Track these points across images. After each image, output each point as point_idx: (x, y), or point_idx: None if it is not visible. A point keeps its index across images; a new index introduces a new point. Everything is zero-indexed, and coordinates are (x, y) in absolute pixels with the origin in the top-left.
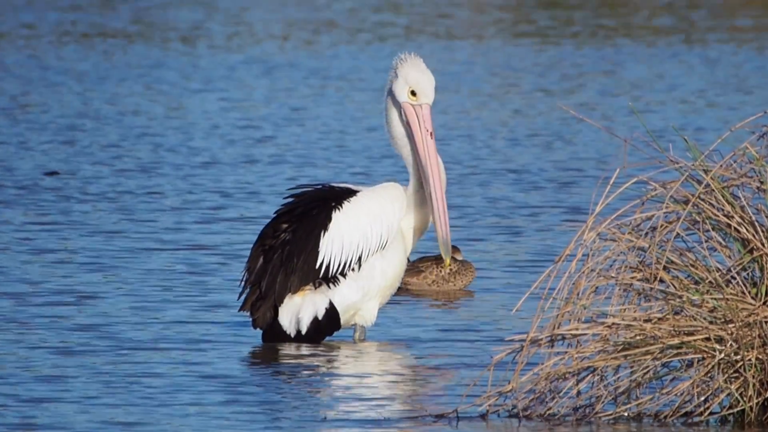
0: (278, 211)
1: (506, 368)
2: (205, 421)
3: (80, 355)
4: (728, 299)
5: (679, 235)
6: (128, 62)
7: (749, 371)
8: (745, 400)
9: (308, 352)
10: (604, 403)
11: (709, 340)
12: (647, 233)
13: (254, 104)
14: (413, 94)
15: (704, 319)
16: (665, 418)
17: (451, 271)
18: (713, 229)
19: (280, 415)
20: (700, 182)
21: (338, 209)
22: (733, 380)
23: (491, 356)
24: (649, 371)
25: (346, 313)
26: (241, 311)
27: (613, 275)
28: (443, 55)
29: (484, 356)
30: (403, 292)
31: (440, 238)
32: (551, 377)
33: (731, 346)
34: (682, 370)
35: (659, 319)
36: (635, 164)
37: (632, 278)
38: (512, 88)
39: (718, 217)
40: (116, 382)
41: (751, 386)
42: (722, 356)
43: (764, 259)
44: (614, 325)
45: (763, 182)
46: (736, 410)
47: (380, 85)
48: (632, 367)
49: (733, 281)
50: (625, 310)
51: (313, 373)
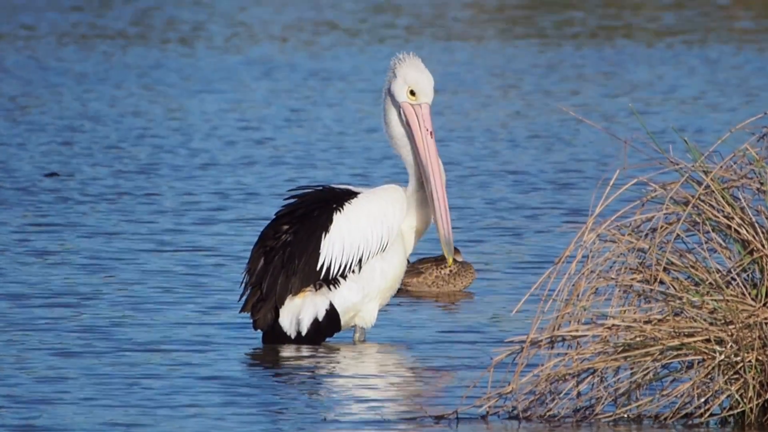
0: (279, 212)
1: (506, 369)
2: (204, 422)
3: (79, 356)
4: (728, 300)
5: (679, 236)
6: (127, 63)
7: (749, 373)
8: (745, 401)
9: (308, 353)
10: (604, 404)
11: (709, 341)
12: (647, 234)
13: (254, 105)
14: (412, 93)
15: (704, 320)
16: (665, 419)
17: (450, 272)
18: (713, 230)
19: (279, 416)
20: (700, 183)
21: (339, 211)
22: (733, 382)
23: (491, 357)
24: (649, 373)
25: (346, 314)
26: (241, 312)
27: (613, 276)
28: (443, 56)
29: (484, 357)
30: (402, 293)
31: (442, 237)
32: (551, 378)
33: (731, 347)
34: (682, 371)
35: (659, 320)
36: (635, 165)
37: (632, 279)
38: (512, 89)
39: (718, 218)
40: (116, 383)
41: (751, 388)
42: (722, 358)
43: (764, 260)
44: (614, 326)
45: (763, 183)
46: (736, 412)
47: (380, 86)
48: (632, 368)
49: (733, 282)
50: (625, 311)
51: (312, 374)
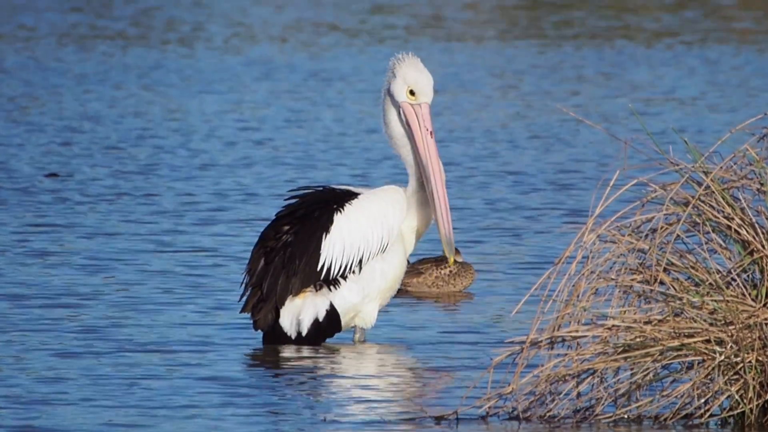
0: (279, 212)
1: (506, 370)
2: (204, 422)
3: (79, 357)
4: (728, 301)
5: (679, 236)
6: (127, 64)
7: (749, 373)
8: (745, 402)
9: (308, 353)
10: (604, 405)
11: (709, 342)
12: (647, 235)
13: (253, 106)
14: (412, 93)
15: (704, 321)
16: (665, 420)
17: (450, 272)
18: (713, 230)
19: (279, 417)
20: (700, 184)
21: (340, 212)
22: (733, 382)
23: (491, 358)
24: (649, 373)
25: (346, 315)
26: (242, 313)
27: (613, 277)
28: (443, 56)
29: (484, 358)
30: (402, 293)
31: (443, 236)
32: (551, 379)
33: (731, 348)
34: (682, 372)
35: (659, 321)
36: (635, 166)
37: (632, 280)
38: (512, 89)
39: (718, 218)
40: (115, 384)
41: (751, 388)
42: (722, 358)
43: (764, 261)
44: (614, 327)
45: (763, 184)
46: (736, 412)
47: (380, 86)
48: (632, 369)
49: (733, 283)
50: (625, 312)
51: (313, 374)
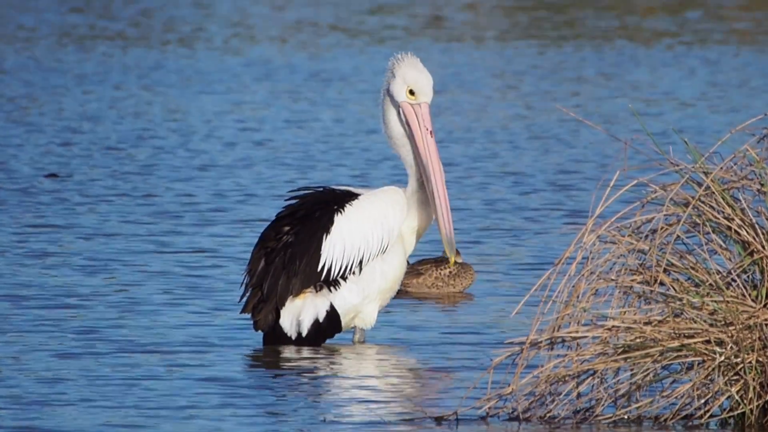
0: (279, 213)
1: (506, 371)
2: (204, 423)
3: (78, 357)
4: (728, 302)
5: (679, 237)
6: (127, 64)
7: (749, 374)
8: (745, 402)
9: (308, 354)
10: (604, 405)
11: (709, 342)
12: (647, 236)
13: (253, 106)
14: (411, 93)
15: (704, 321)
16: (665, 420)
17: (450, 273)
18: (713, 231)
19: (279, 417)
20: (700, 185)
21: (340, 213)
22: (733, 383)
23: (491, 359)
24: (649, 374)
25: (346, 315)
26: (242, 314)
27: (613, 278)
28: (443, 57)
29: (483, 359)
30: (402, 294)
31: (444, 236)
32: (551, 380)
33: (731, 348)
34: (682, 372)
35: (659, 321)
36: (635, 167)
37: (632, 281)
38: (512, 90)
39: (718, 219)
40: (115, 384)
41: (751, 389)
42: (722, 359)
43: (765, 261)
44: (614, 327)
45: (763, 185)
46: (736, 413)
47: (380, 87)
48: (632, 369)
49: (733, 284)
50: (625, 312)
51: (312, 375)
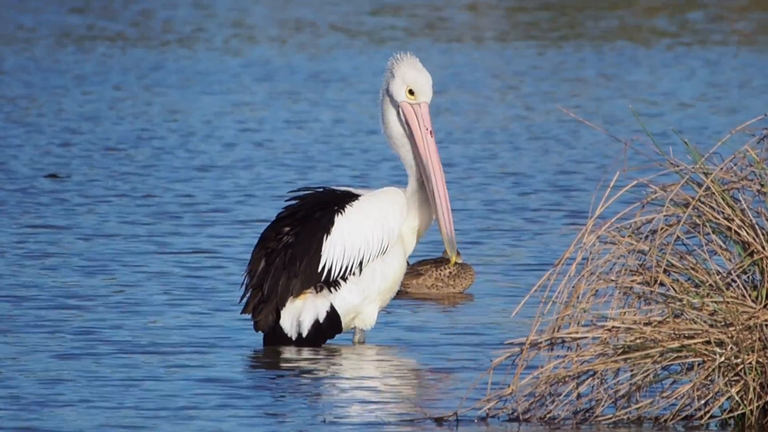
0: (280, 214)
1: (506, 371)
2: (204, 424)
3: (78, 358)
4: (728, 302)
5: (679, 238)
6: (126, 65)
7: (750, 374)
8: (745, 403)
9: (308, 355)
10: (604, 406)
11: (709, 343)
12: (647, 236)
13: (253, 107)
14: (411, 93)
15: (704, 322)
16: (665, 421)
17: (450, 274)
18: (713, 232)
19: (279, 418)
20: (700, 185)
21: (341, 213)
22: (733, 384)
23: (491, 359)
24: (649, 375)
25: (346, 316)
26: (242, 314)
27: (613, 278)
28: (443, 57)
29: (483, 359)
30: (402, 295)
31: (445, 235)
32: (551, 380)
33: (731, 349)
34: (682, 373)
35: (659, 322)
36: (635, 167)
37: (632, 281)
38: (512, 91)
39: (718, 220)
40: (114, 385)
41: (751, 389)
42: (722, 359)
43: (765, 262)
44: (614, 328)
45: (763, 185)
46: (736, 414)
47: (380, 87)
48: (632, 370)
49: (733, 284)
50: (625, 313)
51: (312, 376)
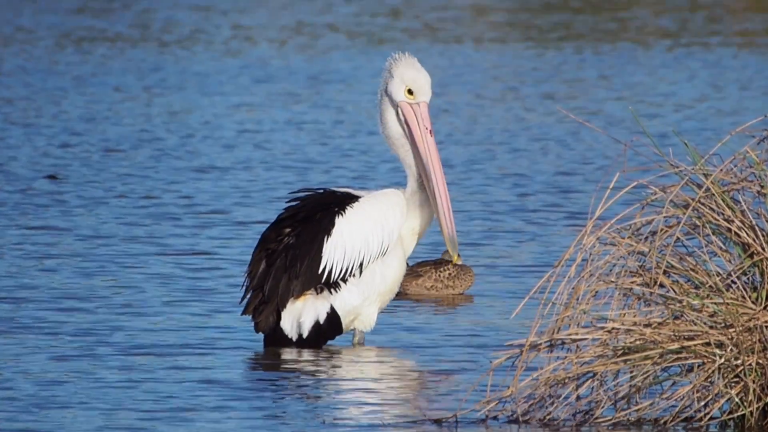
0: (280, 215)
1: (506, 373)
2: (203, 426)
3: (77, 360)
4: (728, 304)
5: (679, 239)
6: (126, 66)
7: (750, 376)
8: (745, 405)
9: (307, 356)
10: (603, 408)
11: (709, 344)
12: (647, 237)
13: (252, 108)
14: (410, 92)
15: (704, 323)
16: (665, 423)
17: (450, 275)
18: (713, 233)
19: (279, 419)
20: (700, 186)
21: (341, 215)
22: (733, 385)
23: (490, 361)
24: (648, 376)
25: (346, 317)
26: (243, 315)
27: (612, 280)
28: (442, 59)
29: (483, 361)
30: (401, 296)
31: (446, 235)
32: (551, 382)
33: (731, 350)
34: (682, 374)
35: (659, 323)
36: (635, 168)
37: (632, 283)
38: (511, 92)
39: (718, 221)
40: (114, 387)
41: (751, 391)
42: (722, 361)
43: (764, 263)
44: (614, 329)
45: (763, 186)
46: (736, 415)
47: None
48: (632, 371)
49: (733, 286)
50: (624, 314)
51: (312, 377)
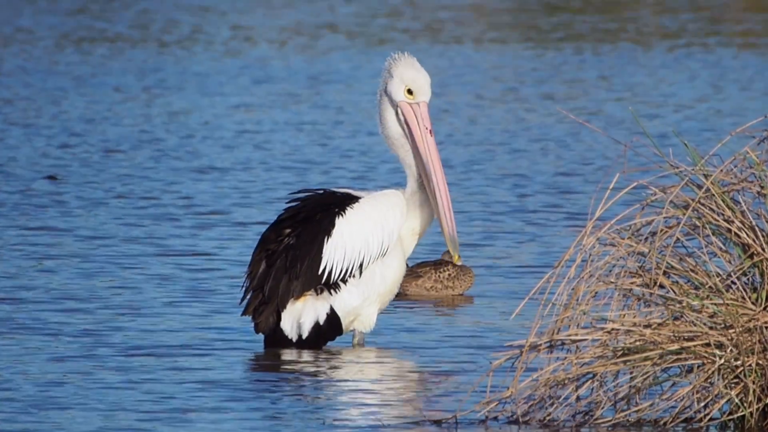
0: (280, 215)
1: (505, 374)
2: (203, 427)
3: (77, 360)
4: (728, 304)
5: (679, 240)
6: (126, 67)
7: (749, 377)
8: (745, 405)
9: (307, 357)
10: (603, 408)
11: (709, 345)
12: (647, 238)
13: (252, 109)
14: (410, 92)
15: (704, 324)
16: (665, 424)
17: (449, 276)
18: (713, 234)
19: (278, 420)
20: (700, 187)
21: (341, 216)
22: (733, 386)
23: (490, 362)
24: (648, 377)
25: (346, 318)
26: (243, 316)
27: (612, 280)
28: (442, 59)
29: (483, 362)
30: (401, 297)
31: (447, 234)
32: (550, 383)
33: (731, 351)
34: (682, 375)
35: (659, 324)
36: (635, 169)
37: (632, 283)
38: (511, 92)
39: (718, 221)
40: (113, 388)
41: (751, 392)
42: (722, 362)
43: (764, 264)
44: (614, 330)
45: (763, 187)
46: (736, 416)
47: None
48: (632, 372)
49: (733, 286)
50: (624, 315)
51: (312, 378)
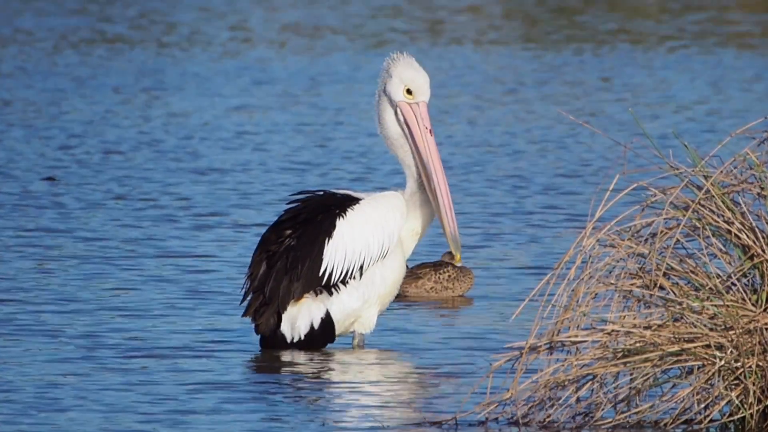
0: (281, 216)
1: (505, 375)
2: (203, 428)
3: (76, 362)
4: (728, 306)
5: (679, 241)
6: (125, 68)
7: (750, 378)
8: (745, 407)
9: (307, 359)
10: (603, 410)
11: (709, 347)
12: (647, 239)
13: (252, 110)
14: (409, 92)
15: (704, 326)
16: (665, 425)
17: (449, 277)
18: (713, 235)
19: (278, 422)
20: (700, 188)
21: (342, 217)
22: (733, 387)
23: (490, 363)
24: (648, 378)
25: (346, 320)
26: (243, 317)
27: (612, 282)
28: (442, 60)
29: (482, 363)
30: (401, 298)
31: (448, 234)
32: (550, 384)
33: (731, 353)
34: (682, 377)
35: (659, 326)
36: (635, 170)
37: (632, 285)
38: (511, 93)
39: (718, 223)
40: (113, 389)
41: (751, 393)
42: (722, 363)
43: (765, 265)
44: (614, 332)
45: (763, 188)
46: (736, 418)
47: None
48: (632, 374)
49: (733, 288)
50: (624, 316)
51: (311, 380)
